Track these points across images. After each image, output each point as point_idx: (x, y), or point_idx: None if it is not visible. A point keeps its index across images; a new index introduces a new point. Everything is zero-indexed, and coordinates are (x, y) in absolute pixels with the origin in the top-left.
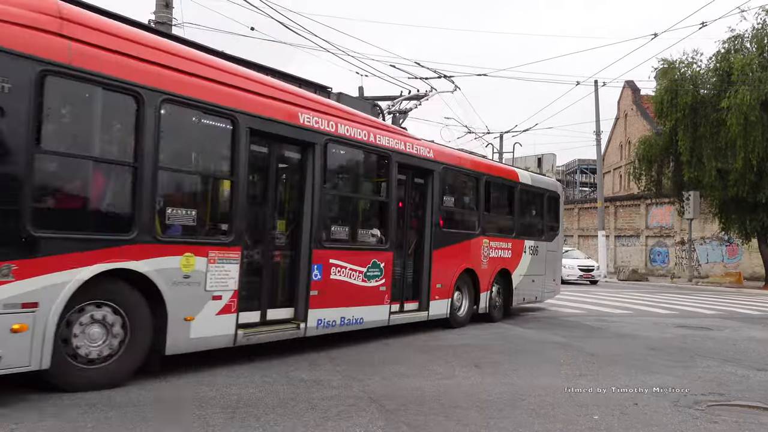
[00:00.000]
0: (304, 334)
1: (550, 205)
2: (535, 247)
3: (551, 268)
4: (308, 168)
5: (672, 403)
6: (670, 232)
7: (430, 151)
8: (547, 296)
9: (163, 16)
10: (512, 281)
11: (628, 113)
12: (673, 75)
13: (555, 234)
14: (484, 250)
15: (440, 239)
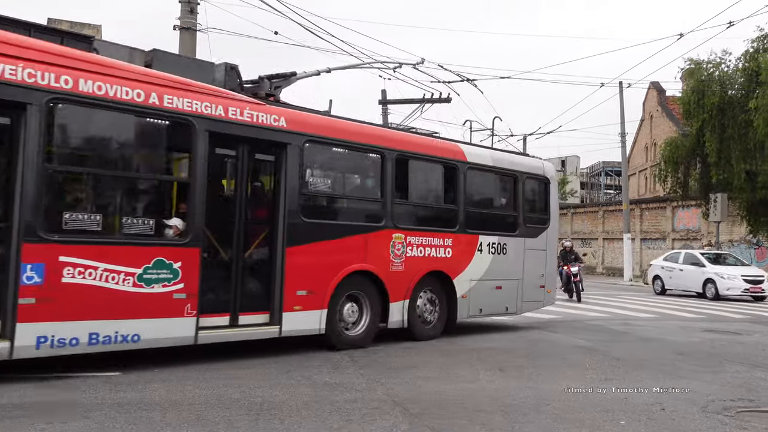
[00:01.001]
0: (10, 356)
1: (531, 191)
2: (500, 245)
3: (535, 272)
4: (21, 138)
5: (700, 409)
6: (697, 234)
7: (280, 119)
8: (527, 307)
9: (187, 21)
10: (456, 288)
11: (653, 115)
12: (700, 75)
13: (540, 228)
14: (395, 247)
15: (304, 233)
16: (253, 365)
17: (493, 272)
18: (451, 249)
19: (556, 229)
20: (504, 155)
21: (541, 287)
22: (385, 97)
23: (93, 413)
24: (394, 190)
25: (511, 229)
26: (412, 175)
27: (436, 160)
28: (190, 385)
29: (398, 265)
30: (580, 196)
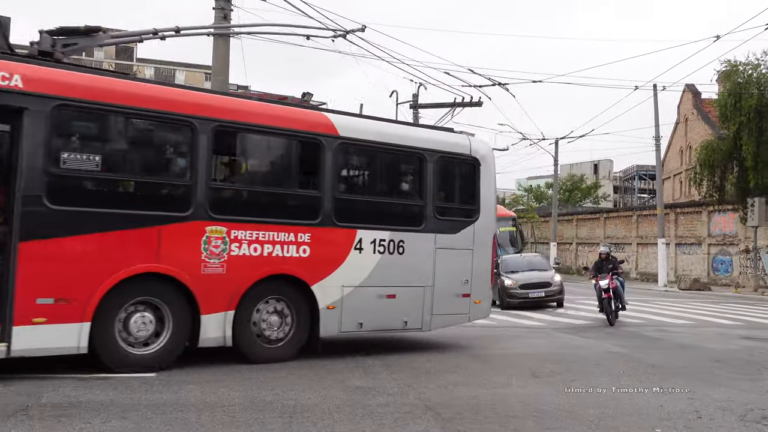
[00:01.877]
0: None
1: (448, 175)
2: (393, 243)
3: (454, 277)
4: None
5: (739, 418)
6: (733, 239)
7: (12, 77)
8: (441, 321)
9: (220, 27)
10: (317, 296)
11: (688, 117)
12: (737, 78)
13: (464, 222)
14: (209, 243)
15: (51, 224)
16: (286, 368)
17: (381, 277)
18: (309, 247)
19: (491, 223)
20: (404, 129)
21: (465, 296)
22: (416, 102)
23: (130, 413)
24: (211, 171)
25: (414, 223)
26: (245, 152)
27: (285, 133)
28: (224, 387)
29: (216, 266)
30: (613, 200)
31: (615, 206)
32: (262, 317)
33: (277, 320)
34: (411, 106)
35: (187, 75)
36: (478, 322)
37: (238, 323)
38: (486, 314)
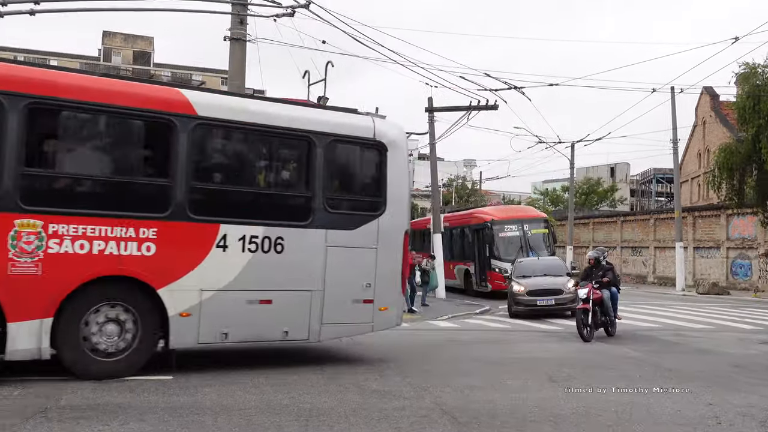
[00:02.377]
0: None
1: (344, 162)
2: (269, 239)
3: (352, 280)
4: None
5: (759, 424)
6: (753, 243)
7: None
8: (335, 331)
9: (237, 32)
10: (165, 302)
11: (706, 120)
12: (756, 80)
13: (366, 216)
14: (20, 239)
15: None
16: (301, 371)
17: (252, 280)
18: (154, 244)
19: (402, 218)
20: (287, 110)
21: (367, 302)
22: (432, 105)
23: (147, 416)
24: (23, 155)
25: (298, 217)
26: (71, 133)
27: (125, 112)
28: (240, 390)
29: (28, 266)
30: (630, 203)
31: (632, 210)
32: (93, 327)
33: (115, 329)
34: (426, 109)
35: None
36: (494, 325)
37: (61, 333)
38: (395, 323)
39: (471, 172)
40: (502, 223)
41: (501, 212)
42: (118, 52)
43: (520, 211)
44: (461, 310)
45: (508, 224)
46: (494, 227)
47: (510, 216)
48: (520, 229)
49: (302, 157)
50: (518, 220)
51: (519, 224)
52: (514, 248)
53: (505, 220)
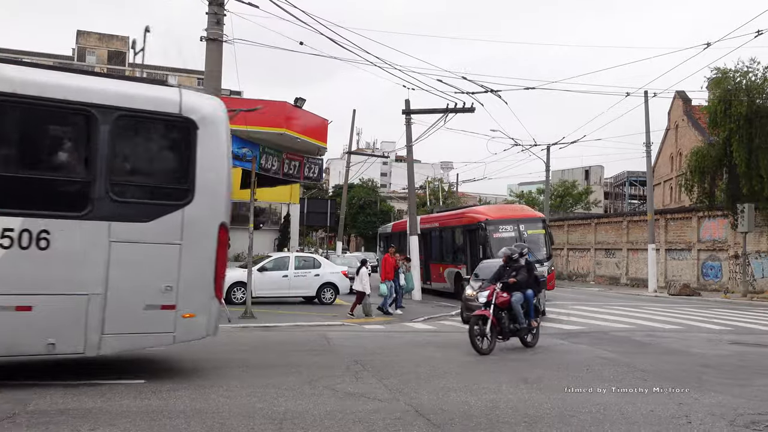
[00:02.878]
0: None
1: (141, 140)
2: (30, 234)
3: (145, 282)
4: None
5: (728, 423)
6: (723, 245)
7: None
8: (124, 343)
9: (214, 32)
10: None
11: (679, 124)
12: (727, 85)
13: (166, 207)
14: None
15: None
16: (276, 375)
17: (4, 282)
18: None
19: (216, 208)
20: (56, 77)
21: (167, 308)
22: (409, 107)
23: (118, 421)
24: None
25: (71, 205)
26: None
27: None
28: (214, 393)
29: None
30: (604, 206)
31: (606, 212)
32: None
33: None
34: (403, 111)
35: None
36: (462, 325)
37: None
38: (205, 332)
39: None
40: (496, 223)
41: (496, 211)
42: (93, 52)
43: (515, 210)
44: (437, 312)
45: (503, 224)
46: (488, 227)
47: (505, 216)
48: (516, 230)
49: (80, 135)
50: (514, 220)
51: (515, 224)
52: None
53: (499, 220)
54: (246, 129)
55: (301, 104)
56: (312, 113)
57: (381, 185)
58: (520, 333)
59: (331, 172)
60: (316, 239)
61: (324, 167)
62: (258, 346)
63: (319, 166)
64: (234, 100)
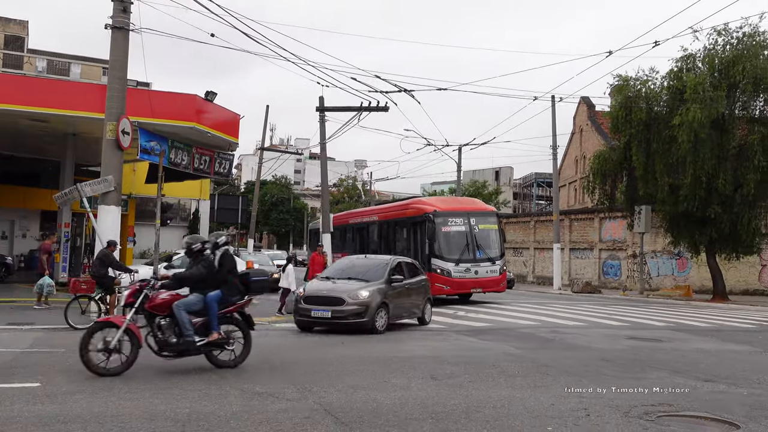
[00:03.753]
0: None
1: None
2: None
3: None
4: None
5: (623, 414)
6: (622, 245)
7: None
8: None
9: (120, 20)
10: None
11: (583, 128)
12: (628, 92)
13: None
14: None
15: None
16: (181, 376)
17: None
18: None
19: None
20: None
21: None
22: (323, 105)
23: (9, 427)
24: None
25: None
26: None
27: None
28: (114, 396)
29: None
30: (513, 206)
31: (514, 212)
32: None
33: None
34: (317, 108)
35: (84, 69)
36: None
37: None
38: None
39: (362, 173)
40: (445, 216)
41: (445, 203)
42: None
43: (466, 202)
44: None
45: (453, 217)
46: (436, 220)
47: (455, 208)
48: (467, 223)
49: None
50: (465, 212)
51: (465, 217)
52: (459, 245)
53: (449, 212)
54: (154, 122)
55: (212, 98)
56: (224, 107)
57: (295, 182)
58: (191, 348)
59: (243, 168)
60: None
61: (236, 163)
62: None
63: (230, 161)
64: (141, 91)
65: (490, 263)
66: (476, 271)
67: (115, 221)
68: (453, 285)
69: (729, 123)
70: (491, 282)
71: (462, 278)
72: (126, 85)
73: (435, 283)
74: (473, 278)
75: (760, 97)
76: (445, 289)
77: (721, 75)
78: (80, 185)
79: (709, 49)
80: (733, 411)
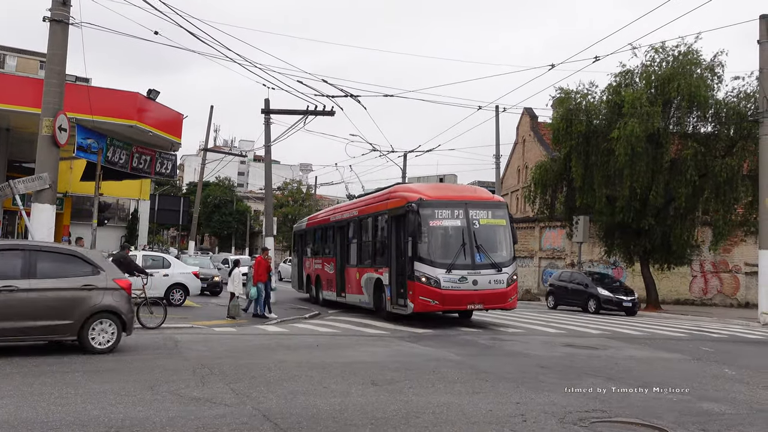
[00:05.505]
0: None
1: None
2: None
3: None
4: None
5: (558, 420)
6: (561, 254)
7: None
8: None
9: (59, 13)
10: None
11: (526, 139)
12: (569, 104)
13: None
14: None
15: None
16: (116, 380)
17: None
18: None
19: None
20: None
21: None
22: (268, 107)
23: None
24: None
25: None
26: None
27: None
28: (44, 401)
29: None
30: None
31: None
32: None
33: None
34: (262, 111)
35: (20, 61)
36: (323, 330)
37: None
38: None
39: (306, 177)
40: (434, 206)
41: (436, 190)
42: None
43: (465, 190)
44: (291, 314)
45: (445, 208)
46: (422, 211)
47: (448, 196)
48: (464, 217)
49: None
50: (461, 202)
51: (462, 209)
52: (453, 246)
53: (439, 202)
54: (92, 119)
55: (154, 96)
56: (166, 106)
57: (238, 185)
58: None
59: (185, 168)
60: (167, 238)
61: (178, 163)
62: None
63: (172, 162)
64: (80, 87)
65: (495, 271)
66: (475, 280)
67: (49, 220)
68: (442, 299)
69: (663, 138)
70: (495, 296)
71: (455, 290)
72: (64, 80)
73: (419, 295)
74: (471, 290)
75: (694, 113)
76: (432, 304)
77: (657, 91)
78: (13, 182)
79: (646, 65)
80: (663, 416)
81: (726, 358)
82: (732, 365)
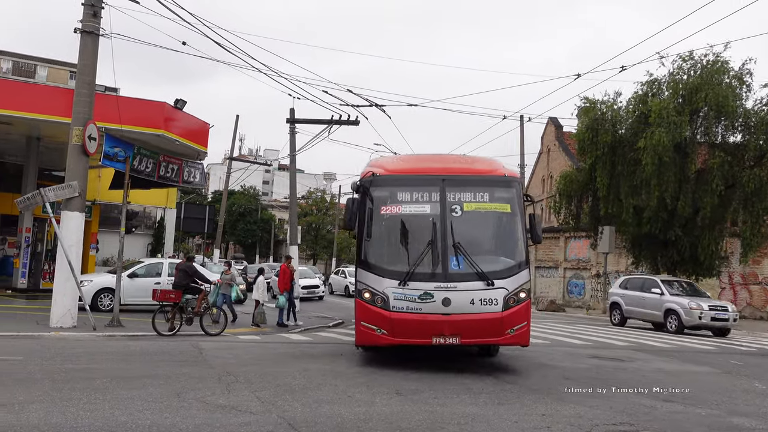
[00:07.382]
0: None
1: None
2: None
3: None
4: None
5: None
6: (587, 264)
7: None
8: None
9: (90, 25)
10: None
11: (551, 148)
12: (595, 114)
13: None
14: None
15: None
16: (143, 386)
17: None
18: None
19: None
20: None
21: None
22: (293, 116)
23: None
24: None
25: None
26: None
27: None
28: (74, 406)
29: None
30: None
31: None
32: None
33: None
34: (288, 120)
35: (50, 72)
36: (346, 338)
37: None
38: None
39: (330, 186)
40: (392, 184)
41: (406, 162)
42: None
43: (446, 161)
44: (315, 323)
45: (409, 186)
46: (373, 192)
47: (417, 169)
48: (436, 200)
49: None
50: (435, 178)
51: (435, 188)
52: (414, 245)
53: (402, 177)
54: (120, 128)
55: (181, 106)
56: (193, 116)
57: (263, 193)
58: None
59: (211, 177)
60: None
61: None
62: (125, 356)
63: (200, 171)
64: (109, 97)
65: (483, 284)
66: (446, 299)
67: (78, 227)
68: (391, 327)
69: (690, 147)
70: (480, 324)
71: (412, 313)
72: (94, 90)
73: (361, 320)
74: (438, 314)
75: (721, 123)
76: (377, 334)
77: (684, 100)
78: (43, 190)
79: (673, 74)
80: (691, 431)
81: (756, 372)
82: (762, 379)
